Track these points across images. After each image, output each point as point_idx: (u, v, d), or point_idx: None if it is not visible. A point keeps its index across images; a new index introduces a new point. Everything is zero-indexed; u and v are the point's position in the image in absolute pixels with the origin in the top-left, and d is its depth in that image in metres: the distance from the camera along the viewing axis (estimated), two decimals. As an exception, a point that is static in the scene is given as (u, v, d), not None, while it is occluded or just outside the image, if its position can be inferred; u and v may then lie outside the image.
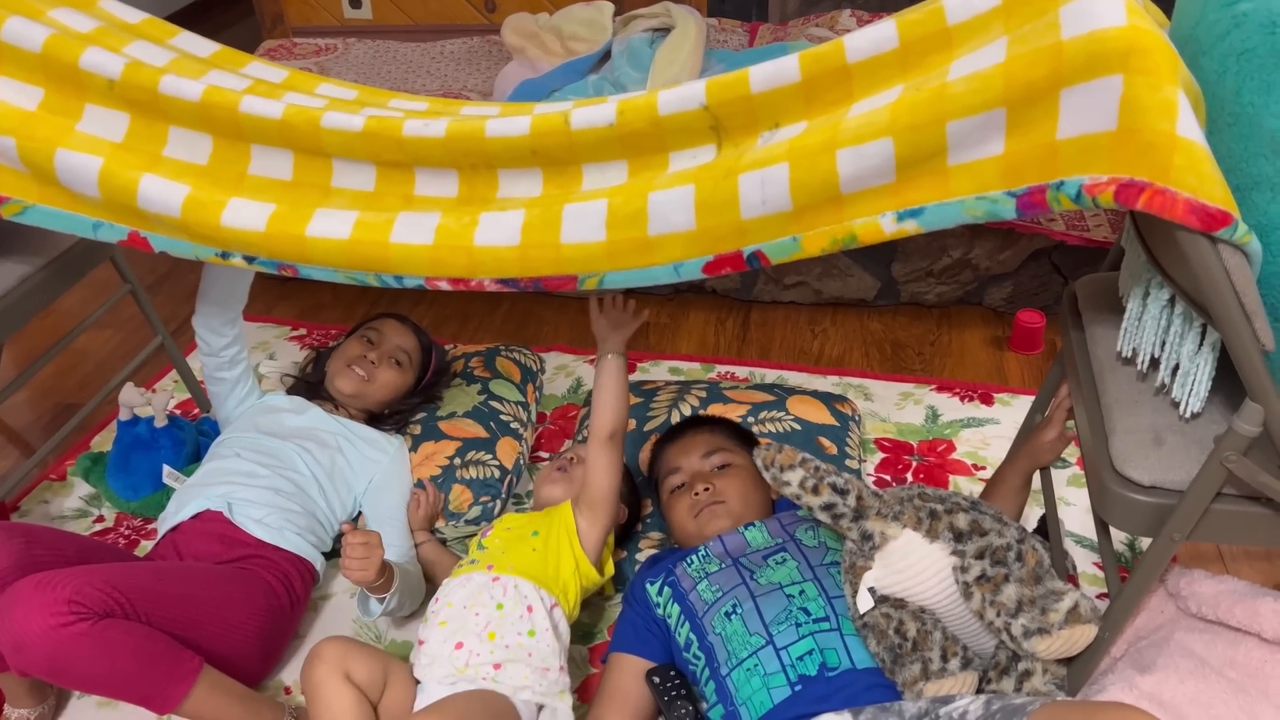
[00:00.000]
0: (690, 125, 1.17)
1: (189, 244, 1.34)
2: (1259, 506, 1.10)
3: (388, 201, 1.29)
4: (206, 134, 1.32)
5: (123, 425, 1.84)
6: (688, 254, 1.17)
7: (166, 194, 1.30)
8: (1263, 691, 1.19)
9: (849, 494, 1.29)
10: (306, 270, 1.30)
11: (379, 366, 1.85)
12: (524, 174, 1.26)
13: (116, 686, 1.31)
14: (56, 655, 1.25)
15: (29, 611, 1.24)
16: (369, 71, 2.78)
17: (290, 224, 1.27)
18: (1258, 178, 0.96)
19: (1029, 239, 2.30)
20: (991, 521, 1.28)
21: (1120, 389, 1.23)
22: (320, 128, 1.25)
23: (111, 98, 1.32)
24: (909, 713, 1.22)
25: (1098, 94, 0.91)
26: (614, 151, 1.21)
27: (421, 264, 1.24)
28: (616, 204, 1.18)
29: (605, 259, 1.20)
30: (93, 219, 1.37)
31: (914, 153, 1.03)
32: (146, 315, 2.03)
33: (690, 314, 2.54)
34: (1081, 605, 1.21)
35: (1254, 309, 0.95)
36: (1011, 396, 2.14)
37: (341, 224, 1.26)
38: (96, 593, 1.29)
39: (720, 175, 1.13)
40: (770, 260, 1.15)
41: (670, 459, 1.64)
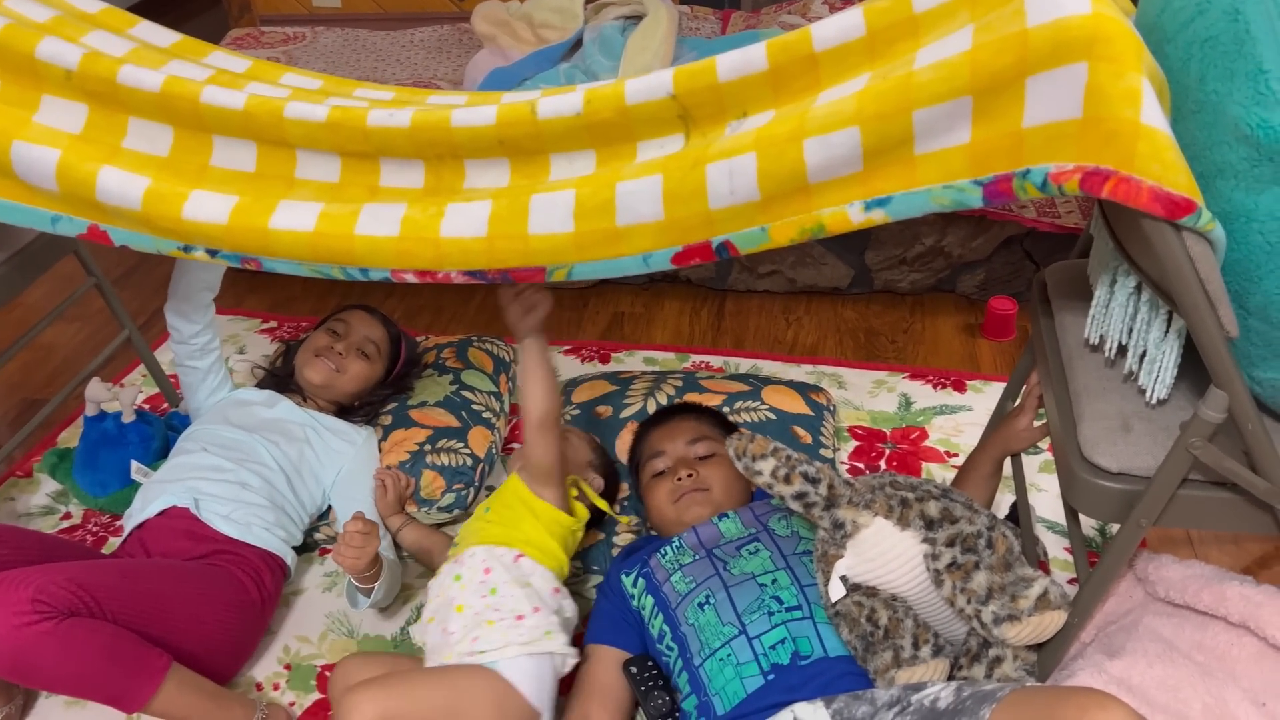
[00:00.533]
0: (658, 114, 1.16)
1: (150, 237, 1.32)
2: (1225, 492, 1.11)
3: (352, 193, 1.28)
4: (167, 125, 1.30)
5: (89, 421, 1.81)
6: (656, 244, 1.17)
7: (126, 186, 1.28)
8: (1229, 674, 1.21)
9: (820, 483, 1.29)
10: (270, 264, 1.28)
11: (346, 357, 1.83)
12: (491, 164, 1.24)
13: (83, 686, 1.30)
14: (19, 655, 1.23)
15: (5, 602, 1.23)
16: (338, 60, 2.75)
17: (253, 216, 1.25)
18: (1221, 165, 0.96)
19: (1001, 226, 2.31)
20: (962, 509, 1.28)
21: (1089, 376, 1.24)
22: (283, 118, 1.23)
23: (69, 88, 1.29)
24: (881, 700, 1.22)
25: (1063, 82, 0.91)
26: (581, 141, 1.20)
27: (387, 256, 1.23)
28: (584, 194, 1.17)
29: (573, 250, 1.19)
30: (51, 212, 1.34)
31: (881, 142, 1.02)
32: (113, 309, 2.00)
33: (665, 303, 2.53)
34: (1051, 591, 1.22)
35: (1218, 296, 0.96)
36: (984, 383, 2.15)
37: (305, 216, 1.24)
38: (60, 591, 1.27)
39: (688, 165, 1.12)
40: (739, 251, 1.14)
41: (654, 443, 1.64)
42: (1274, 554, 1.71)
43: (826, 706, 1.24)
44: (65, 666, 1.26)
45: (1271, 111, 0.90)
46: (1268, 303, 0.98)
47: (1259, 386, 1.06)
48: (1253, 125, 0.91)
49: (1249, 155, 0.93)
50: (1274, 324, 0.99)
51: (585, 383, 2.04)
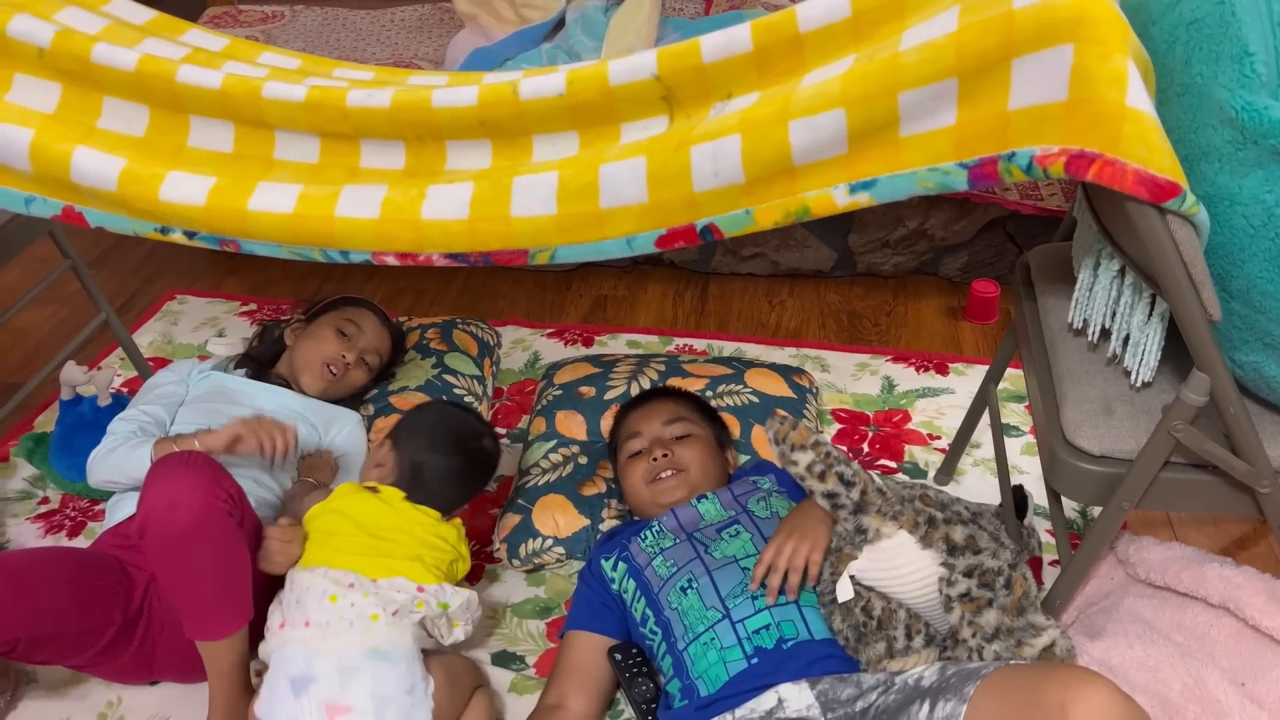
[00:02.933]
0: (641, 95, 1.15)
1: (126, 219, 1.30)
2: (1206, 474, 1.11)
3: (332, 174, 1.26)
4: (143, 105, 1.27)
5: (65, 405, 1.79)
6: (640, 227, 1.16)
7: (102, 167, 1.26)
8: (1208, 654, 1.22)
9: (854, 487, 1.27)
10: (249, 245, 1.26)
11: (354, 368, 1.79)
12: (472, 145, 1.23)
13: (198, 587, 1.32)
14: (197, 529, 1.28)
15: (198, 481, 1.29)
16: (317, 40, 2.71)
17: (231, 198, 1.23)
18: (1206, 148, 0.96)
19: (984, 209, 2.31)
20: (988, 540, 1.26)
21: (1071, 360, 1.24)
22: (261, 98, 1.21)
23: (42, 67, 1.27)
24: (867, 682, 1.23)
25: (1048, 64, 0.90)
26: (564, 122, 1.19)
27: (367, 238, 1.21)
28: (567, 176, 1.15)
29: (556, 232, 1.17)
30: (25, 193, 1.32)
31: (866, 124, 1.02)
32: (89, 291, 1.97)
33: (648, 286, 2.52)
34: (1059, 645, 1.20)
35: (1201, 280, 0.96)
36: (966, 366, 2.15)
37: (285, 198, 1.23)
38: (244, 504, 1.36)
39: (672, 147, 1.11)
40: (724, 234, 1.14)
41: (631, 424, 1.63)
42: (1252, 535, 1.73)
43: (811, 687, 1.25)
44: (211, 560, 1.30)
45: (1256, 94, 0.90)
46: (1250, 286, 0.98)
47: (1240, 370, 1.07)
48: (1237, 108, 0.91)
49: (1233, 138, 0.93)
50: (1256, 307, 0.99)
51: (568, 365, 2.03)
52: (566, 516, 1.70)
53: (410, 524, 1.43)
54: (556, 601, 1.64)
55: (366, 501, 1.44)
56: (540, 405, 1.95)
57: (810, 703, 1.24)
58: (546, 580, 1.69)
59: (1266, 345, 1.02)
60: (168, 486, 1.29)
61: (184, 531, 1.28)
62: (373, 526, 1.41)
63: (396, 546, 1.40)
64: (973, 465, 1.86)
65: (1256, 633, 1.22)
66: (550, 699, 1.41)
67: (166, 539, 1.28)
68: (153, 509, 1.28)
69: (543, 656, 1.56)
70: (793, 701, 1.24)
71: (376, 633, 1.32)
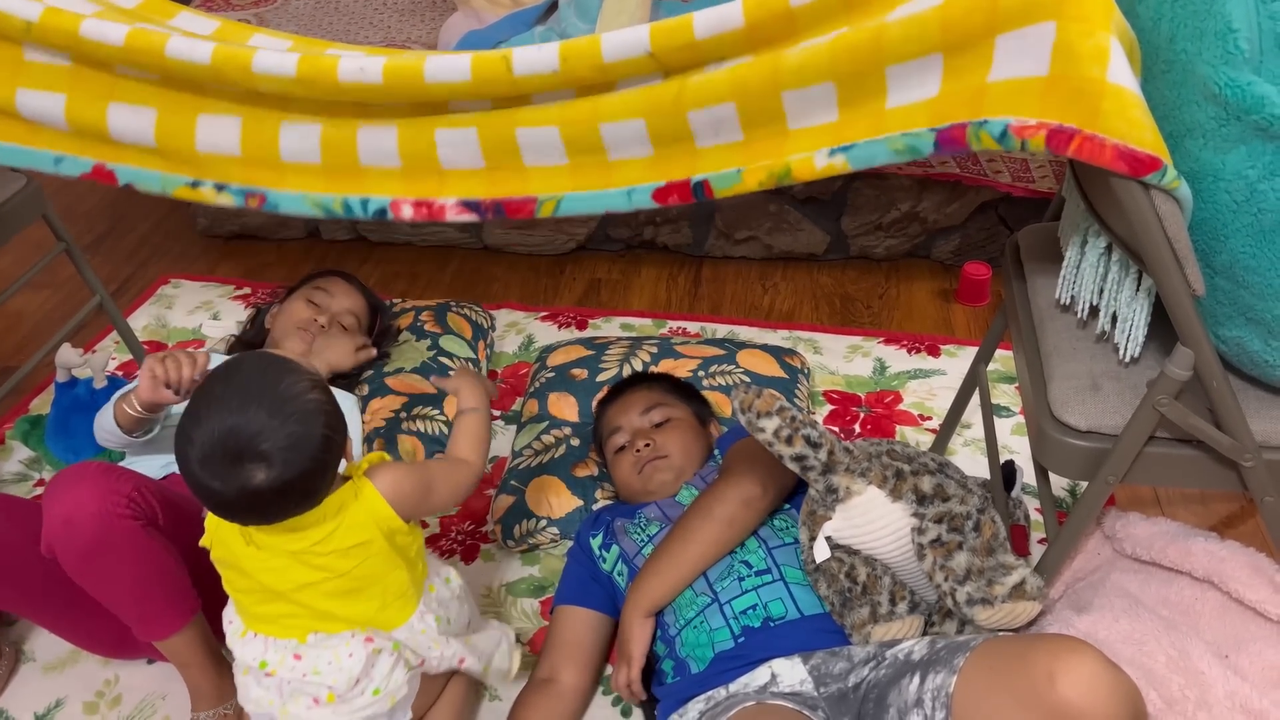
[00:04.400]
0: (636, 71, 1.16)
1: (158, 174, 1.29)
2: (1190, 449, 1.13)
3: (344, 110, 1.25)
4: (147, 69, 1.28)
5: (60, 387, 1.80)
6: (644, 178, 1.17)
7: (137, 121, 1.26)
8: (1193, 627, 1.23)
9: (821, 448, 1.28)
10: (275, 197, 1.26)
11: (328, 331, 1.80)
12: (472, 103, 1.23)
13: (127, 595, 1.29)
14: (100, 542, 1.23)
15: (92, 492, 1.23)
16: (310, 23, 2.71)
17: (261, 147, 1.24)
18: (1190, 125, 0.97)
19: (976, 192, 2.32)
20: (956, 488, 1.29)
21: (1059, 337, 1.25)
22: (253, 74, 1.22)
23: (30, 40, 1.27)
24: (858, 656, 1.24)
25: (1031, 40, 0.91)
26: (559, 90, 1.20)
27: (394, 185, 1.23)
28: (570, 134, 1.16)
29: (569, 179, 1.19)
30: (54, 153, 1.32)
31: (856, 94, 1.03)
32: (83, 275, 1.98)
33: (642, 270, 2.53)
34: (1029, 582, 1.23)
35: (1185, 255, 0.97)
36: (958, 348, 2.16)
37: (310, 142, 1.23)
38: (151, 500, 1.28)
39: (668, 111, 1.13)
40: (714, 192, 1.15)
41: (611, 419, 1.65)
42: (1240, 514, 1.74)
43: (804, 662, 1.26)
44: (127, 569, 1.26)
45: (1239, 70, 0.91)
46: (1234, 261, 0.99)
47: (1224, 345, 1.08)
48: (1221, 84, 0.91)
49: (1217, 114, 0.94)
50: (1240, 283, 1.00)
51: (561, 348, 2.04)
52: (560, 497, 1.71)
53: (299, 563, 1.16)
54: (550, 580, 1.66)
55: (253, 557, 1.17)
56: (533, 387, 1.96)
57: (803, 677, 1.25)
58: (541, 560, 1.70)
59: (1250, 320, 1.03)
60: (60, 504, 1.24)
61: (87, 548, 1.24)
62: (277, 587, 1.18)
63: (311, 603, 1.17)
64: (963, 445, 1.88)
65: (1241, 606, 1.23)
66: (542, 672, 1.43)
67: (73, 558, 1.25)
68: (50, 531, 1.24)
69: (537, 634, 1.57)
70: (786, 676, 1.26)
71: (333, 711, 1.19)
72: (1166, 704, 1.16)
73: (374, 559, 1.16)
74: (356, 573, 1.16)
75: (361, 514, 1.15)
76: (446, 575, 1.33)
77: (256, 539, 1.14)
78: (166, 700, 1.49)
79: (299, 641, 1.18)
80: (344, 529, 1.14)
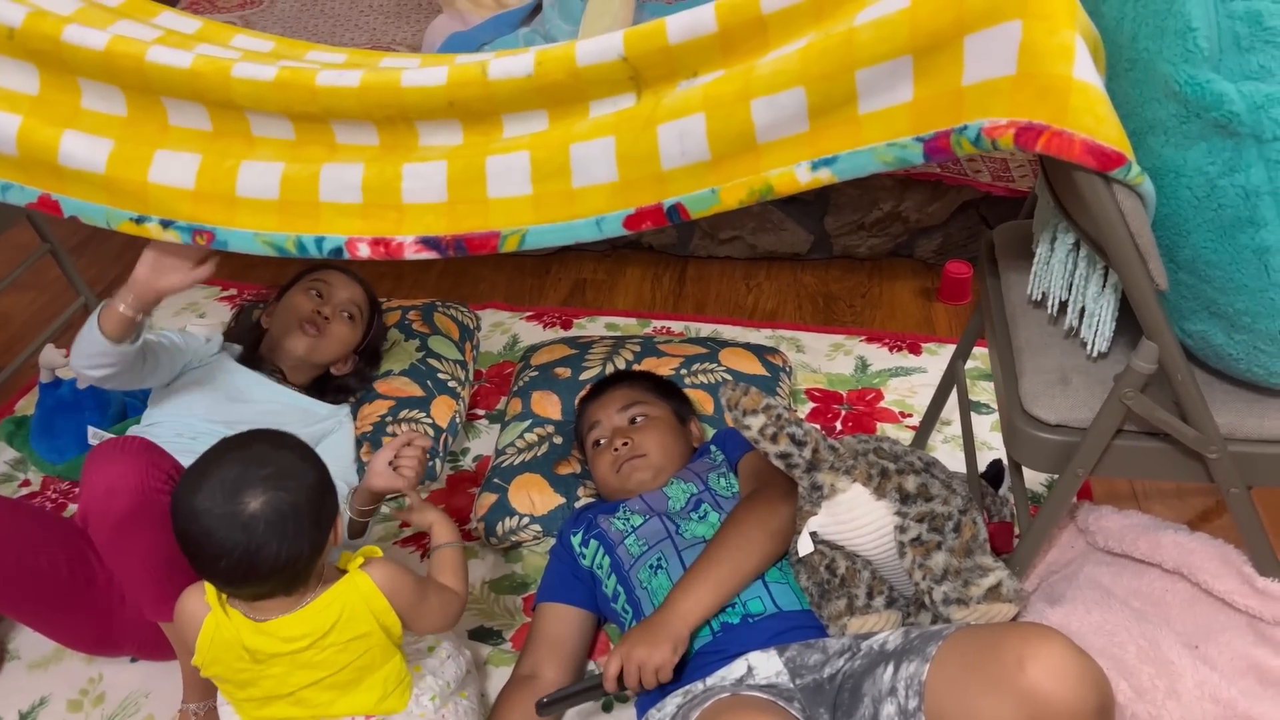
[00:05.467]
0: (609, 76, 1.17)
1: (103, 208, 1.31)
2: (1157, 442, 1.14)
3: (311, 151, 1.27)
4: (115, 86, 1.28)
5: (44, 388, 1.80)
6: (610, 206, 1.18)
7: (90, 150, 1.27)
8: (1163, 618, 1.25)
9: (806, 446, 1.29)
10: (224, 234, 1.28)
11: (332, 321, 1.74)
12: (442, 125, 1.25)
13: (151, 570, 1.30)
14: (136, 513, 1.26)
15: (135, 464, 1.27)
16: (295, 25, 2.72)
17: (218, 181, 1.25)
18: (1153, 122, 0.99)
19: (957, 191, 2.33)
20: (940, 488, 1.30)
21: (1031, 332, 1.27)
22: (230, 78, 1.22)
23: (12, 48, 1.28)
24: (833, 647, 1.26)
25: (998, 40, 0.93)
26: (533, 102, 1.20)
27: (352, 223, 1.24)
28: (540, 157, 1.17)
29: (532, 211, 1.20)
30: (1, 180, 1.33)
31: (826, 101, 1.04)
32: (69, 276, 1.99)
33: (627, 270, 2.54)
34: (1005, 585, 1.24)
35: (1148, 250, 0.99)
36: (939, 346, 2.18)
37: (269, 180, 1.25)
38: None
39: (640, 126, 1.13)
40: (690, 213, 1.16)
41: (590, 416, 1.66)
42: (1216, 508, 1.76)
43: (780, 654, 1.28)
44: (157, 544, 1.27)
45: (1199, 68, 0.93)
46: (1196, 256, 1.01)
47: (1189, 339, 1.10)
48: (1181, 82, 0.93)
49: (1178, 111, 0.95)
50: (1202, 277, 1.02)
51: (545, 347, 2.05)
52: (542, 495, 1.72)
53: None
54: (533, 578, 1.67)
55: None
56: (517, 386, 1.97)
57: (779, 669, 1.26)
58: (523, 557, 1.72)
59: (1213, 314, 1.04)
60: (104, 474, 1.28)
61: (123, 516, 1.27)
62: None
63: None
64: (942, 442, 1.89)
65: (1209, 597, 1.25)
66: (524, 669, 1.44)
67: (107, 525, 1.28)
68: (91, 497, 1.28)
69: (519, 631, 1.58)
70: (762, 669, 1.27)
71: None
72: (1137, 693, 1.17)
73: (373, 650, 1.19)
74: (356, 664, 1.19)
75: (360, 606, 1.17)
76: (429, 644, 1.36)
77: (252, 643, 1.15)
78: (150, 698, 1.49)
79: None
80: (343, 623, 1.16)
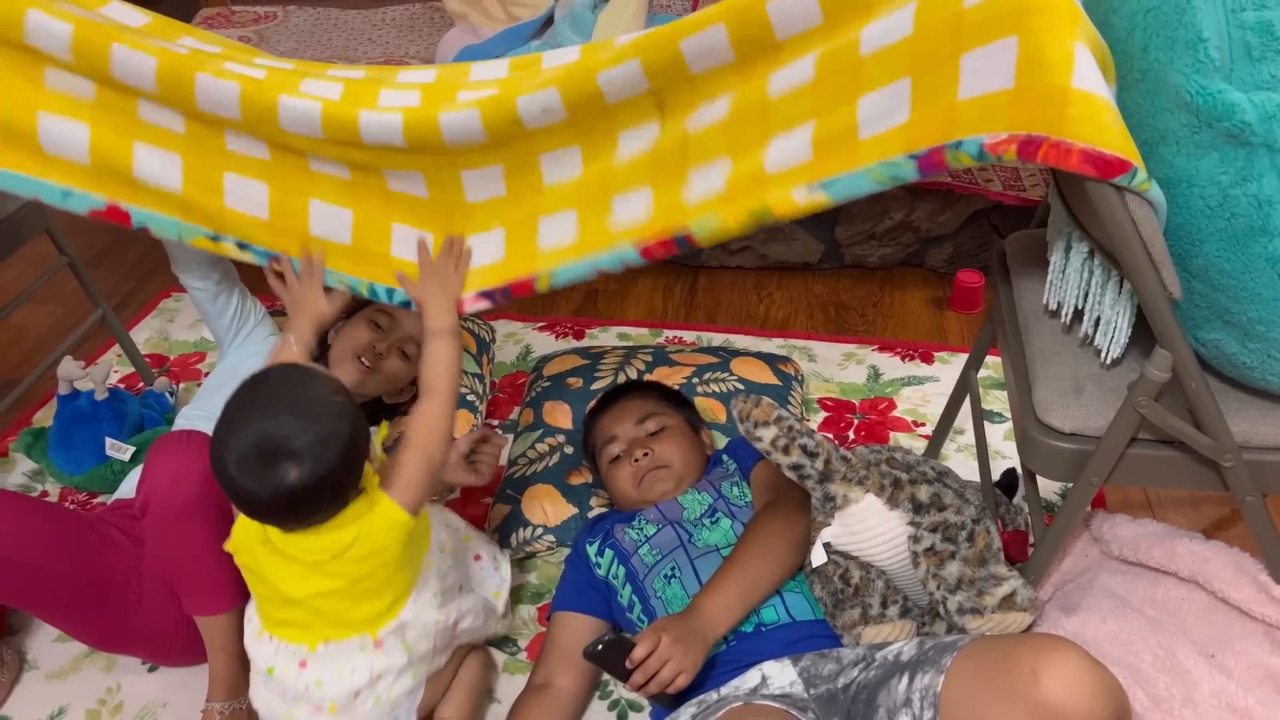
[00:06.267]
0: (636, 106, 1.21)
1: (176, 221, 1.34)
2: (1171, 450, 1.14)
3: (369, 198, 1.33)
4: (176, 110, 1.31)
5: (63, 399, 1.82)
6: (633, 239, 1.24)
7: (163, 166, 1.30)
8: (1179, 627, 1.25)
9: (817, 458, 1.29)
10: (299, 264, 1.35)
11: (386, 358, 1.67)
12: (483, 174, 1.29)
13: (200, 561, 1.32)
14: (198, 502, 1.29)
15: (201, 454, 1.23)
16: (309, 40, 2.74)
17: (290, 218, 1.32)
18: (1164, 132, 0.99)
19: (968, 200, 2.34)
20: (953, 497, 1.30)
21: (1044, 341, 1.27)
22: (278, 120, 1.26)
23: (71, 68, 1.30)
24: (847, 657, 1.26)
25: (996, 56, 0.94)
26: (565, 137, 1.25)
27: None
28: (585, 212, 1.25)
29: (572, 253, 1.27)
30: (61, 186, 1.34)
31: (830, 131, 1.07)
32: (86, 289, 2.00)
33: (638, 280, 2.55)
34: (1020, 594, 1.23)
35: (1161, 258, 0.99)
36: (951, 355, 2.18)
37: (341, 227, 1.33)
38: None
39: (673, 175, 1.19)
40: (697, 241, 1.19)
41: (604, 429, 1.64)
42: (1230, 516, 1.75)
43: (794, 664, 1.28)
44: (211, 535, 1.29)
45: (1210, 79, 0.93)
46: (1209, 265, 1.01)
47: (1203, 347, 1.10)
48: (1192, 92, 0.94)
49: (1189, 121, 0.96)
50: (1215, 286, 1.02)
51: (557, 358, 2.06)
52: (555, 505, 1.72)
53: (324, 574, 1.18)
54: (547, 587, 1.67)
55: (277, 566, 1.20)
56: (530, 397, 1.98)
57: (793, 679, 1.27)
58: (538, 567, 1.72)
59: (1226, 323, 1.05)
60: (170, 462, 1.31)
61: (185, 506, 1.30)
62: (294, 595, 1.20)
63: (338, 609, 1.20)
64: (956, 451, 1.89)
65: (1226, 605, 1.24)
66: (539, 678, 1.44)
67: (168, 513, 1.31)
68: (156, 484, 1.31)
69: (534, 640, 1.59)
70: (776, 678, 1.27)
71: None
72: (1153, 702, 1.17)
73: (389, 565, 1.19)
74: (371, 577, 1.19)
75: (380, 523, 1.17)
76: (440, 544, 1.36)
77: (281, 547, 1.17)
78: (168, 708, 1.50)
79: (308, 649, 1.21)
80: (363, 539, 1.16)
